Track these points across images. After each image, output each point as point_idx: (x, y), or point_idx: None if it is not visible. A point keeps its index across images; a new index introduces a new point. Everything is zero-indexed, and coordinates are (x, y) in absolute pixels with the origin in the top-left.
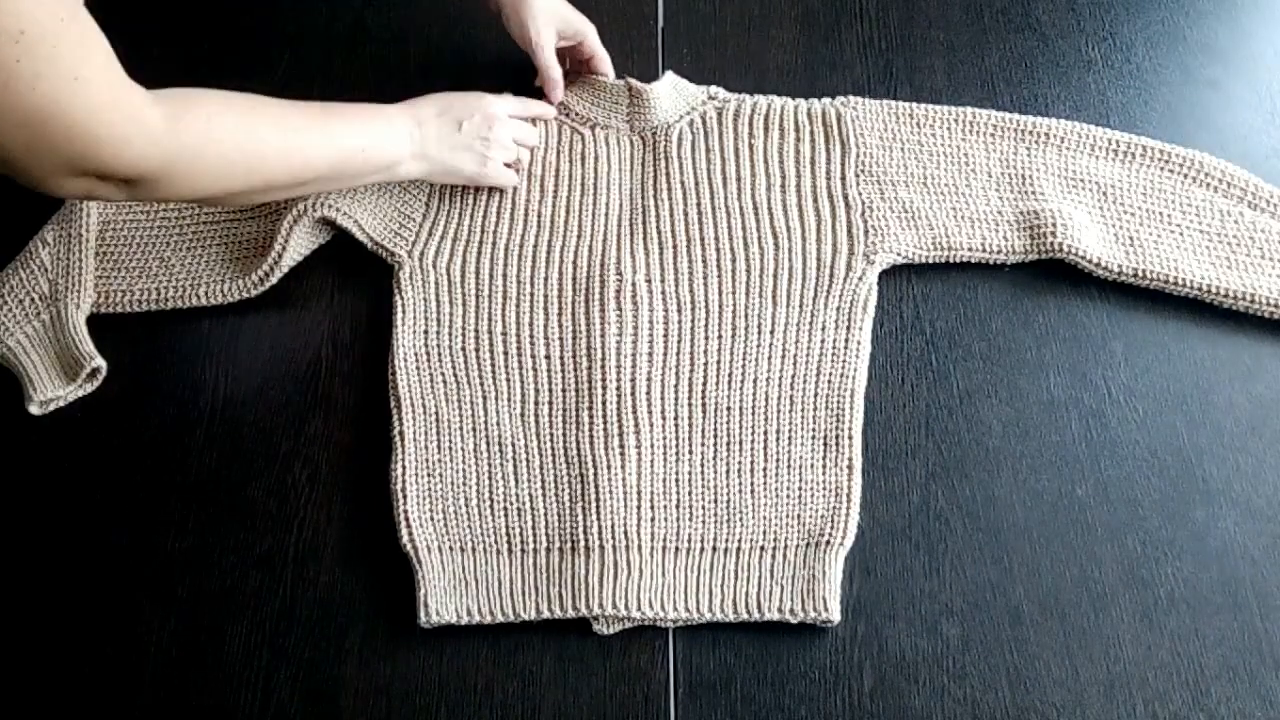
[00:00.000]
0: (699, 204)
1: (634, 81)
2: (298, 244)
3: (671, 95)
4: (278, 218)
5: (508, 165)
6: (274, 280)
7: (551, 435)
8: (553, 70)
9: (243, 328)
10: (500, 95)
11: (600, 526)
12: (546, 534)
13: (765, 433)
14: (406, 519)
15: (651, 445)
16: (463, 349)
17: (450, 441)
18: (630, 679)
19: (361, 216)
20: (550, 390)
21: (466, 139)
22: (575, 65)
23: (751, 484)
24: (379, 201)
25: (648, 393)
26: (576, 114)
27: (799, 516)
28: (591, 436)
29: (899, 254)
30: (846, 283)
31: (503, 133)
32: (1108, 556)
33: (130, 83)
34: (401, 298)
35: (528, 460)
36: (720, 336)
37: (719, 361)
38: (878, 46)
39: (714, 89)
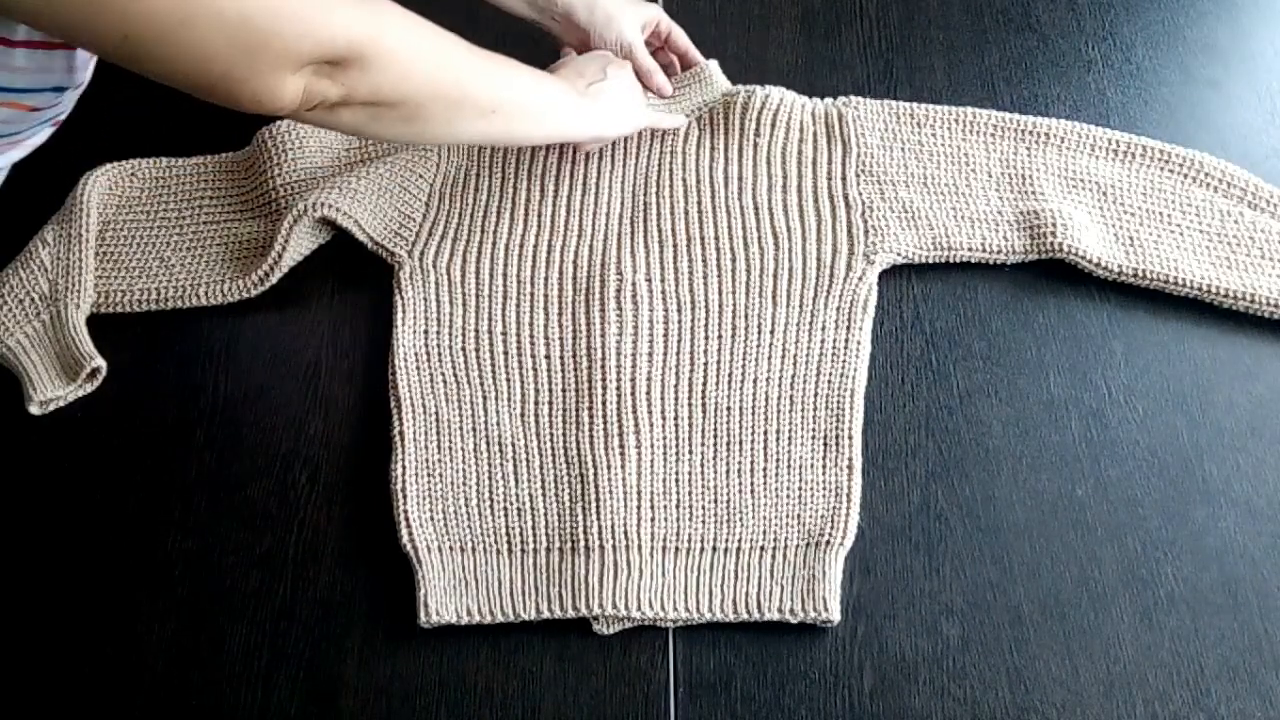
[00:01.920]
0: (699, 203)
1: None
2: (298, 244)
3: (694, 88)
4: (278, 218)
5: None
6: (274, 280)
7: (551, 435)
8: (651, 64)
9: (243, 328)
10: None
11: (600, 526)
12: (546, 534)
13: (765, 433)
14: (406, 519)
15: (651, 445)
16: (463, 349)
17: (450, 441)
18: (630, 679)
19: (362, 216)
20: (550, 390)
21: (613, 83)
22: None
23: (751, 484)
24: (379, 201)
25: (648, 392)
26: None
27: (799, 516)
28: (591, 436)
29: (899, 254)
30: (846, 283)
31: (633, 77)
32: (1108, 556)
33: None
34: (402, 297)
35: (528, 460)
36: (720, 336)
37: (719, 361)
38: (878, 46)
39: (736, 87)
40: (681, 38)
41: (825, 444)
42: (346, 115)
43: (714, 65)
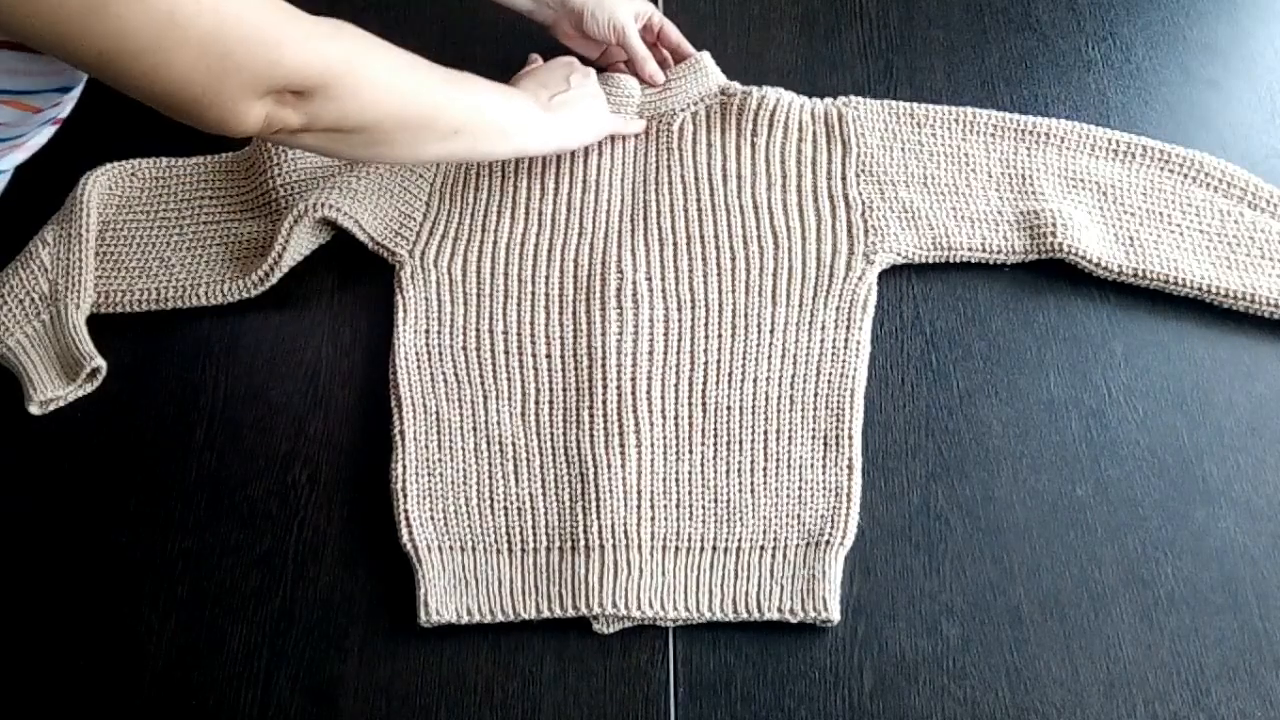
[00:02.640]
0: (699, 201)
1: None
2: (298, 244)
3: (689, 80)
4: (278, 218)
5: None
6: (274, 280)
7: (552, 434)
8: (644, 51)
9: (243, 328)
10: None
11: (600, 526)
12: (546, 533)
13: (765, 432)
14: (406, 518)
15: (651, 444)
16: (463, 348)
17: (450, 441)
18: (630, 679)
19: (362, 216)
20: (551, 389)
21: (576, 92)
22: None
23: (751, 484)
24: (380, 201)
25: (648, 392)
26: None
27: (799, 516)
28: (592, 435)
29: (899, 254)
30: (846, 282)
31: (597, 84)
32: (1108, 556)
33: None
34: (402, 297)
35: (528, 459)
36: (720, 335)
37: (719, 361)
38: (878, 46)
39: (732, 83)
40: (673, 32)
41: (825, 444)
42: (309, 139)
43: (706, 57)
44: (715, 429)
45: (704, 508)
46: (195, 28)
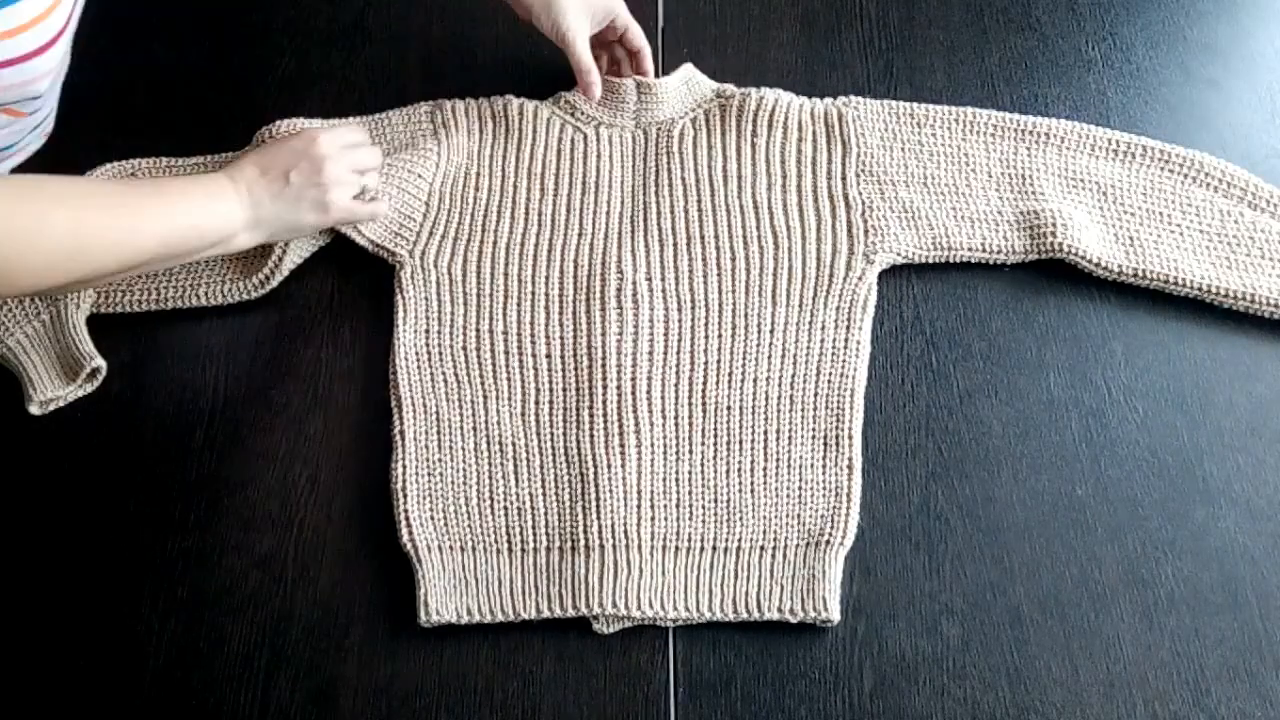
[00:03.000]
0: (699, 201)
1: (642, 79)
2: (298, 248)
3: (681, 90)
4: None
5: (360, 198)
6: (274, 284)
7: (552, 434)
8: (587, 63)
9: (243, 328)
10: (326, 127)
11: (600, 526)
12: (546, 533)
13: (765, 432)
14: (406, 518)
15: (651, 444)
16: (463, 348)
17: (450, 441)
18: (630, 679)
19: (362, 222)
20: (551, 389)
21: (297, 190)
22: (611, 54)
23: (751, 484)
24: None
25: (648, 392)
26: (582, 114)
27: (799, 516)
28: (592, 435)
29: (899, 254)
30: (846, 282)
31: (335, 169)
32: (1108, 556)
33: None
34: (402, 297)
35: (528, 459)
36: (720, 335)
37: (719, 361)
38: (878, 46)
39: (726, 86)
40: (638, 37)
41: (825, 444)
42: None
43: (689, 67)
44: (715, 429)
45: (704, 508)
46: None
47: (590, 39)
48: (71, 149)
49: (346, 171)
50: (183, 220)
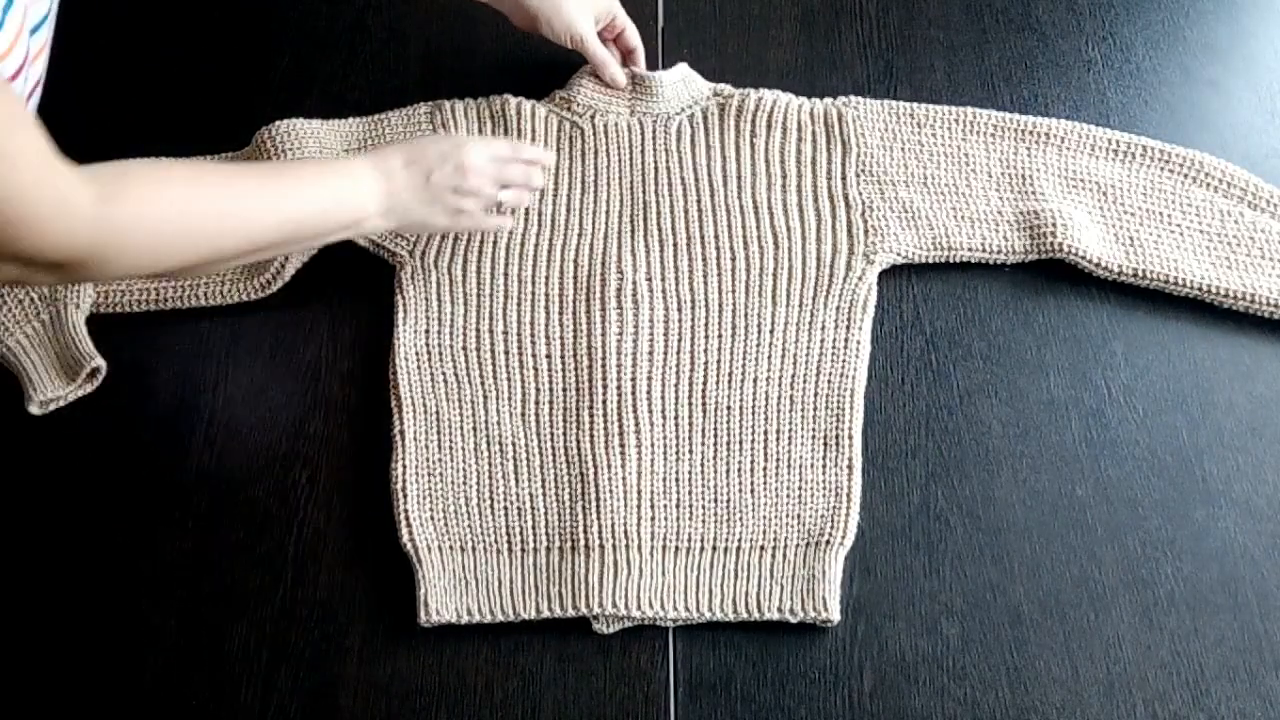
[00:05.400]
0: (699, 202)
1: (638, 71)
2: (300, 253)
3: (678, 86)
4: None
5: (498, 210)
6: (275, 288)
7: (552, 434)
8: (604, 55)
9: (243, 328)
10: (485, 139)
11: (600, 525)
12: (546, 533)
13: (765, 432)
14: (406, 518)
15: (651, 444)
16: (463, 348)
17: (450, 441)
18: (630, 679)
19: None
20: (551, 389)
21: (435, 191)
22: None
23: (751, 484)
24: None
25: (648, 392)
26: (577, 105)
27: (799, 516)
28: (592, 435)
29: (899, 254)
30: (846, 282)
31: (477, 182)
32: (1108, 556)
33: (58, 162)
34: (403, 297)
35: (528, 459)
36: (720, 335)
37: (719, 361)
38: (878, 46)
39: (723, 86)
40: (633, 36)
41: (825, 444)
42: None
43: (684, 66)
44: (715, 429)
45: (704, 508)
46: None
47: None
48: (71, 149)
49: (489, 184)
50: (311, 204)
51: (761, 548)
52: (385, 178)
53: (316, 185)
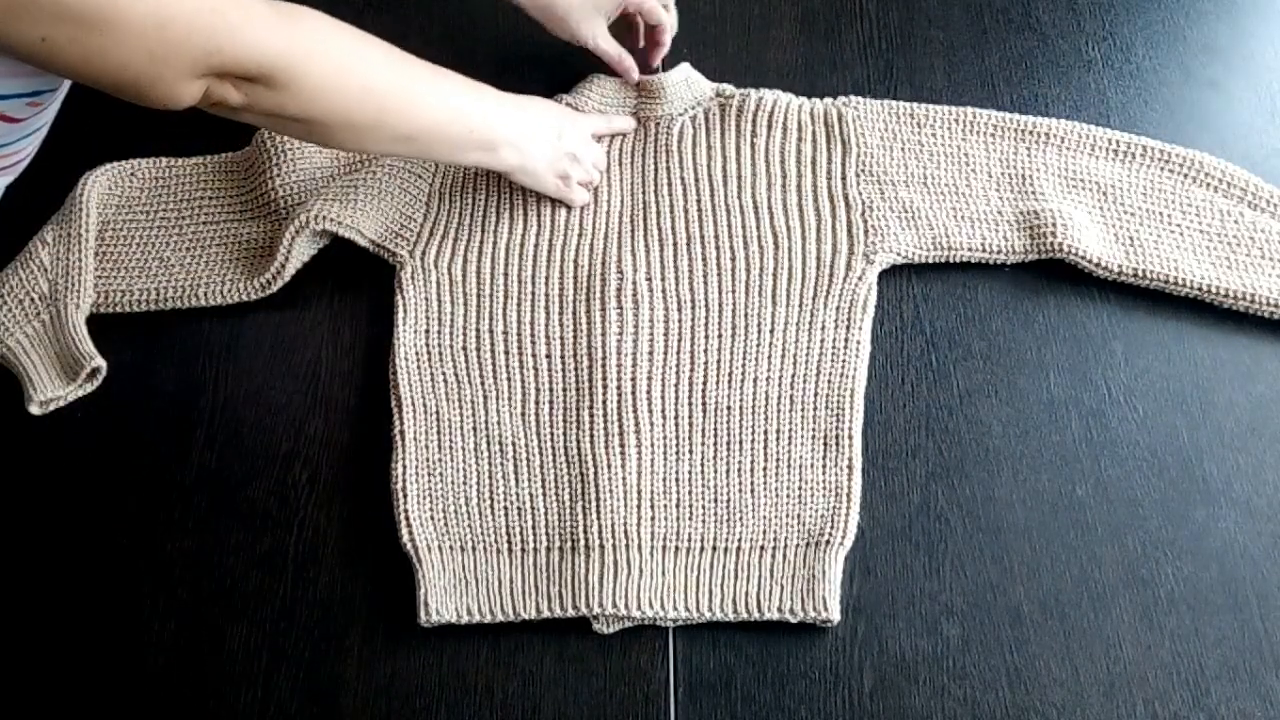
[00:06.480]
0: (699, 201)
1: (642, 77)
2: (300, 252)
3: (680, 87)
4: (277, 219)
5: (582, 184)
6: (275, 288)
7: (552, 434)
8: (615, 52)
9: (243, 328)
10: (589, 114)
11: (600, 525)
12: (547, 533)
13: (765, 432)
14: (406, 518)
15: (651, 444)
16: (463, 348)
17: (450, 441)
18: (630, 679)
19: (363, 224)
20: (551, 389)
21: (562, 147)
22: (632, 24)
23: (751, 484)
24: (379, 205)
25: (648, 392)
26: (582, 108)
27: (799, 516)
28: (592, 435)
29: (899, 254)
30: (846, 282)
31: (589, 154)
32: (1108, 556)
33: None
34: (403, 297)
35: (528, 459)
36: (720, 335)
37: (719, 361)
38: (878, 46)
39: (724, 86)
40: (657, 11)
41: (825, 444)
42: (249, 117)
43: (686, 66)
44: (715, 429)
45: (704, 508)
46: (135, 10)
47: (609, 27)
48: (71, 149)
49: (592, 162)
50: (465, 107)
51: (761, 548)
52: (534, 116)
53: (476, 95)
